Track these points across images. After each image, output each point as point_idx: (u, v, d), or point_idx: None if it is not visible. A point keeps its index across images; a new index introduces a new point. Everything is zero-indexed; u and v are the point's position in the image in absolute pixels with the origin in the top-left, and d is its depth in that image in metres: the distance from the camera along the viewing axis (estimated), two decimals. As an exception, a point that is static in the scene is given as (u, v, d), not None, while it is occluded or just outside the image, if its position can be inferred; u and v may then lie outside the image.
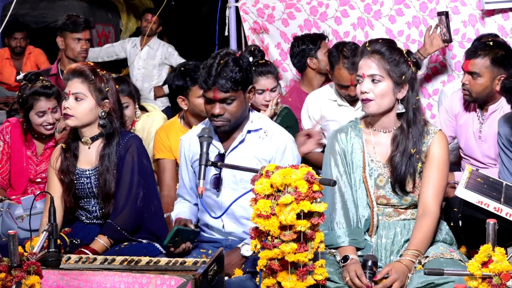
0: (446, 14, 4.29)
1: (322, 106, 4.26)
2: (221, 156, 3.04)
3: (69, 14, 5.12)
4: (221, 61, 2.90)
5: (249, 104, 3.10)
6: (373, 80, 2.81)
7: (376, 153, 2.91)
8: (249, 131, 3.07)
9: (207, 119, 3.11)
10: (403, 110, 2.84)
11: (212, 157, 3.01)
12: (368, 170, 2.89)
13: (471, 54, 3.71)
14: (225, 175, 3.08)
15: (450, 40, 4.30)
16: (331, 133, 3.05)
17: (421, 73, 4.70)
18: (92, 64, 3.28)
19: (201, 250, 3.08)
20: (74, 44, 4.92)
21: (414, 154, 2.83)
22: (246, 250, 2.81)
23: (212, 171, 3.07)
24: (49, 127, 3.83)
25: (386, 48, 2.83)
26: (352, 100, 4.20)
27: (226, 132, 3.05)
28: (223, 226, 3.10)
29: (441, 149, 2.86)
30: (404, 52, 2.87)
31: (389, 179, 2.87)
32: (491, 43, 3.74)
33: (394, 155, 2.85)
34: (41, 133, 3.88)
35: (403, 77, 2.81)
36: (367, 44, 2.86)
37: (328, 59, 4.22)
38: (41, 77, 3.89)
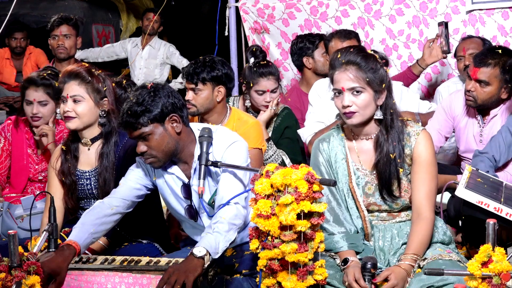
0: (445, 24, 4.28)
1: (328, 96, 4.17)
2: (187, 187, 2.92)
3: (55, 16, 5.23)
4: (131, 98, 2.81)
5: (188, 128, 2.90)
6: (353, 92, 2.73)
7: (361, 161, 2.86)
8: (199, 157, 2.86)
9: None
10: (381, 117, 2.77)
11: (178, 187, 2.94)
12: (355, 179, 2.85)
13: (480, 62, 3.63)
14: (196, 203, 2.96)
15: (448, 51, 4.29)
16: (314, 143, 2.97)
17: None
18: (87, 65, 3.28)
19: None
20: (52, 42, 5.15)
21: (395, 158, 2.78)
22: (199, 251, 2.55)
23: (182, 203, 2.98)
24: (35, 118, 3.80)
25: (361, 58, 2.74)
26: None
27: (179, 162, 2.92)
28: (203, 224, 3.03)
29: (426, 150, 2.79)
30: (377, 57, 2.79)
31: (377, 186, 2.83)
32: (499, 50, 3.66)
33: (378, 161, 2.80)
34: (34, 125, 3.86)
35: (383, 84, 2.75)
36: (339, 56, 2.76)
37: None
38: (49, 71, 3.88)
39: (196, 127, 2.97)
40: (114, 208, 2.91)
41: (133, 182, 2.98)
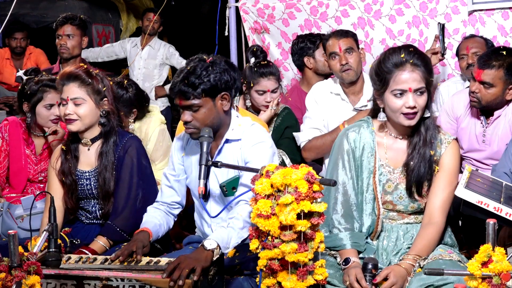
0: (442, 26, 4.29)
1: (327, 98, 4.16)
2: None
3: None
4: (188, 68, 2.86)
5: (230, 110, 2.98)
6: (417, 93, 2.74)
7: (387, 158, 2.86)
8: (227, 141, 2.98)
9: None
10: (429, 115, 2.80)
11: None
12: (378, 175, 2.85)
13: (484, 64, 3.62)
14: (212, 186, 3.01)
15: (443, 54, 4.30)
16: (341, 131, 2.98)
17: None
18: (85, 66, 3.27)
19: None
20: (56, 41, 5.04)
21: (432, 157, 2.79)
22: (210, 244, 2.62)
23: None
24: (55, 120, 3.82)
25: (423, 59, 2.76)
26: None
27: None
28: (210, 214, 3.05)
29: (453, 160, 2.83)
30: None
31: (398, 186, 2.84)
32: (504, 52, 3.64)
33: (411, 158, 2.80)
34: (44, 128, 3.84)
35: (434, 84, 2.82)
36: (403, 55, 2.75)
37: None
38: (43, 72, 3.89)
39: (235, 114, 3.04)
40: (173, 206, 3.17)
41: (172, 177, 3.13)
